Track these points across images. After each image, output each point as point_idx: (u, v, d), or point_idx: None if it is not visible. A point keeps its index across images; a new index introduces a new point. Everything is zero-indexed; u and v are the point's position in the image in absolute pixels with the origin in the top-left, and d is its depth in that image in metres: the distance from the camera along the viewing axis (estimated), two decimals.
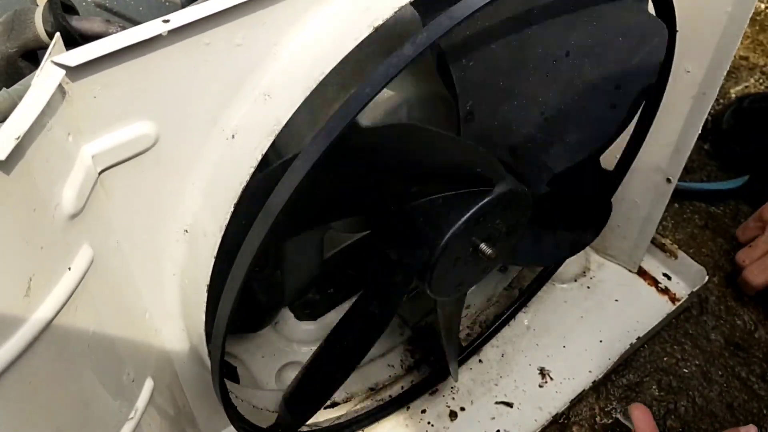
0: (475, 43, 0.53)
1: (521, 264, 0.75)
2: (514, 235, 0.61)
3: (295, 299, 0.83)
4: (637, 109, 0.64)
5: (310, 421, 0.75)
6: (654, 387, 0.83)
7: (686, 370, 0.84)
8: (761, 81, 1.17)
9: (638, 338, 0.83)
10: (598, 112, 0.61)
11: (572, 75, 0.59)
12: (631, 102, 0.60)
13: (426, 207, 0.56)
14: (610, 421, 0.80)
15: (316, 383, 0.64)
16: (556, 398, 0.79)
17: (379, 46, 0.48)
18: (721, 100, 1.14)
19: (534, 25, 0.58)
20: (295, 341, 0.84)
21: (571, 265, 0.90)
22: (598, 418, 0.80)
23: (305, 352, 0.84)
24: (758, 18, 1.27)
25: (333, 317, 0.85)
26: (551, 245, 0.74)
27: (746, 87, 1.16)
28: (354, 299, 0.64)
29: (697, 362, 0.85)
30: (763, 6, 1.29)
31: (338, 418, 0.75)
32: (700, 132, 0.72)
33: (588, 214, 0.76)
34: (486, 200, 0.54)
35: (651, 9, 0.61)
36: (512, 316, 0.86)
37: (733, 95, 1.15)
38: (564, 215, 0.73)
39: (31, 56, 0.51)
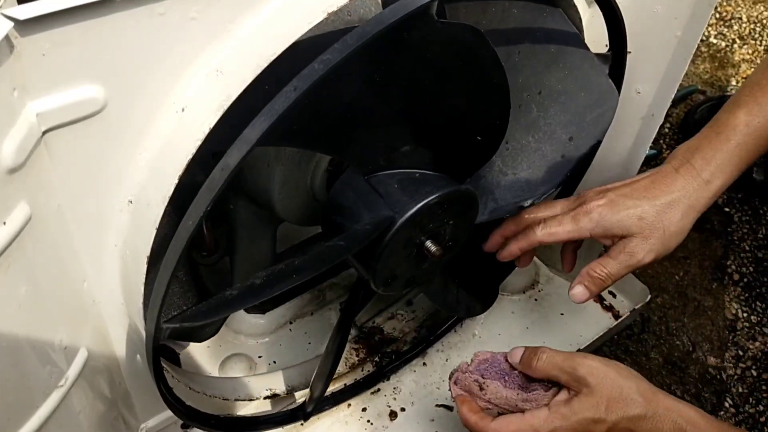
0: None
1: (429, 299, 0.79)
2: (461, 235, 0.62)
3: None
4: (584, 167, 0.69)
5: (248, 412, 0.75)
6: None
7: None
8: None
9: (579, 351, 0.85)
10: (550, 157, 0.65)
11: (539, 115, 0.64)
12: (580, 156, 0.64)
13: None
14: None
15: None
16: None
17: None
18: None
19: (521, 53, 0.61)
20: (242, 333, 0.84)
21: (521, 276, 0.92)
22: None
23: (252, 345, 0.84)
24: (718, 55, 1.32)
25: (281, 311, 0.85)
26: (452, 298, 0.77)
27: None
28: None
29: None
30: (723, 44, 1.33)
31: (280, 408, 0.75)
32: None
33: (481, 291, 0.80)
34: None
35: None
36: (456, 323, 0.87)
37: None
38: (467, 280, 0.76)
39: None
